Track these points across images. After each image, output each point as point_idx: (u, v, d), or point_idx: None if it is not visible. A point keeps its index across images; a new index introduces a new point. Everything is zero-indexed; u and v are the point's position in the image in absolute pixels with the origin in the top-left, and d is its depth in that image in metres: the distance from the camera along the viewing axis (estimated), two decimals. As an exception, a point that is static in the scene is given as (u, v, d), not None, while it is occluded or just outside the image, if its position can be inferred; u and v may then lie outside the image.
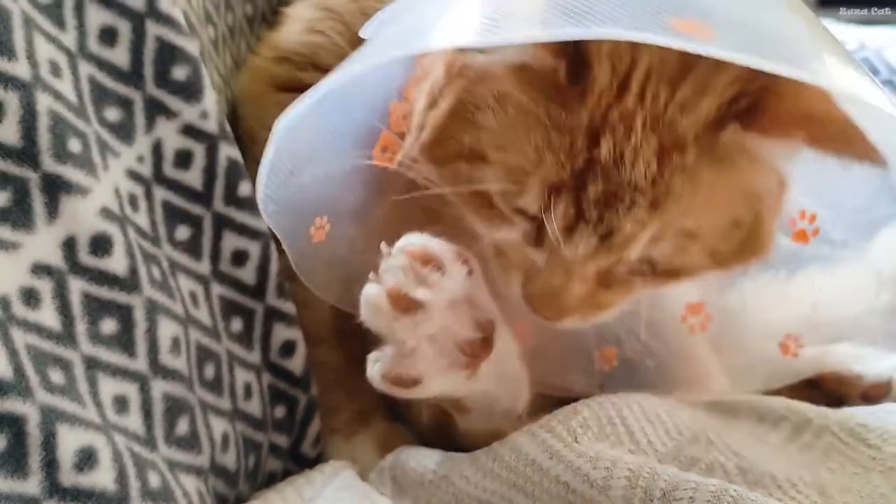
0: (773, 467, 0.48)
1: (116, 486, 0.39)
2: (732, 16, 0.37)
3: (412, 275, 0.44)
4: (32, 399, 0.37)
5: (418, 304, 0.44)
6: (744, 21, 0.38)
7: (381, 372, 0.47)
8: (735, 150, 0.44)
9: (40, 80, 0.42)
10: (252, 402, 0.56)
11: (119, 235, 0.44)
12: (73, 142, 0.43)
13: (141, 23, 0.49)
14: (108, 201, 0.44)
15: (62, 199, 0.42)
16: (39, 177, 0.41)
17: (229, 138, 0.54)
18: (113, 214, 0.45)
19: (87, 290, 0.43)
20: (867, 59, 1.10)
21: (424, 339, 0.45)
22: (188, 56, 0.51)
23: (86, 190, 0.43)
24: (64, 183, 0.42)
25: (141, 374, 0.45)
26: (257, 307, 0.56)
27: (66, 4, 0.46)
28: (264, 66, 0.67)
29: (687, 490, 0.42)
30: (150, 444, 0.44)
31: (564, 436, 0.48)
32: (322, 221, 0.53)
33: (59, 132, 0.42)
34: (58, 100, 0.43)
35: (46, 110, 0.41)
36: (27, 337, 0.39)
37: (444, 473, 0.51)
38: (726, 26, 0.36)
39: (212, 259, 0.54)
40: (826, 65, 0.39)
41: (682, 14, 0.35)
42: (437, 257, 0.45)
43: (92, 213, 0.43)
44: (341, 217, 0.55)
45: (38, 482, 0.36)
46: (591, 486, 0.44)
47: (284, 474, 0.59)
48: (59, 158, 0.42)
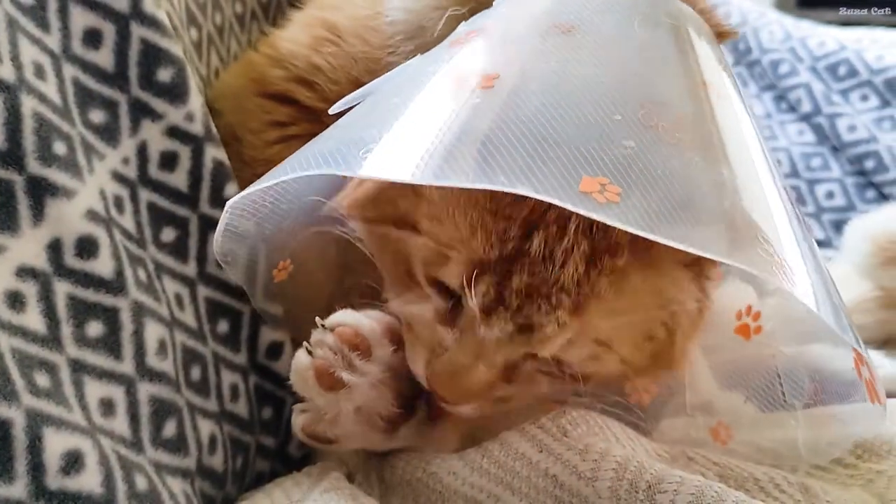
0: (755, 471, 0.48)
1: (103, 489, 0.39)
2: (652, 170, 0.37)
3: (339, 357, 0.47)
4: (18, 403, 0.37)
5: (342, 383, 0.47)
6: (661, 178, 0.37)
7: (300, 425, 0.50)
8: (666, 258, 0.44)
9: (25, 83, 0.41)
10: (239, 403, 0.56)
11: (105, 238, 0.44)
12: (57, 144, 0.43)
13: (126, 25, 0.48)
14: (93, 203, 0.44)
15: (47, 201, 0.41)
16: (24, 179, 0.41)
17: (215, 140, 0.54)
18: (98, 216, 0.44)
19: (72, 293, 0.42)
20: (847, 61, 1.12)
21: (345, 411, 0.48)
22: (173, 58, 0.50)
23: (71, 192, 0.43)
24: (49, 185, 0.42)
25: (127, 377, 0.44)
26: (244, 309, 0.57)
27: (49, 6, 0.45)
28: (258, 62, 0.65)
29: (672, 483, 0.43)
30: (137, 447, 0.44)
31: (554, 431, 0.48)
32: (285, 264, 0.54)
33: (44, 134, 0.42)
34: (42, 102, 0.42)
35: (31, 112, 0.41)
36: (12, 340, 0.39)
37: (432, 471, 0.51)
38: (642, 185, 0.36)
39: (198, 261, 0.54)
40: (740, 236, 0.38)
41: (595, 172, 0.35)
42: (366, 340, 0.48)
43: (77, 216, 0.43)
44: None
45: (25, 486, 0.36)
46: (579, 478, 0.45)
47: (272, 475, 0.59)
48: (45, 161, 0.41)
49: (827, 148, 1.09)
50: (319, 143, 0.43)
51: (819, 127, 1.10)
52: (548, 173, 0.35)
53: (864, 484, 0.50)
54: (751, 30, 1.20)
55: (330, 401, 0.48)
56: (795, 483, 0.47)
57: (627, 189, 0.35)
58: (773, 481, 0.47)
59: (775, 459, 0.52)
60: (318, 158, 0.40)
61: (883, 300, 0.80)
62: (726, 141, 0.42)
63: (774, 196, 0.42)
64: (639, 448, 0.50)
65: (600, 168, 0.35)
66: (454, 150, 0.37)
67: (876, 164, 1.03)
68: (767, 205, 0.41)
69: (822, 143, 1.09)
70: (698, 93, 0.44)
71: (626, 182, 0.35)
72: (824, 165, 1.07)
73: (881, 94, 1.08)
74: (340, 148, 0.40)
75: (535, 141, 0.36)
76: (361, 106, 0.48)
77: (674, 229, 0.34)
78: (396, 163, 0.38)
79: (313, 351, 0.48)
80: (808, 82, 1.12)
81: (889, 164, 1.02)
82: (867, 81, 1.10)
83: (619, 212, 0.34)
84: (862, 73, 1.10)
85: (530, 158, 0.35)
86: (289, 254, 0.55)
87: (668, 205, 0.35)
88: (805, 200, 1.05)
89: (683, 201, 0.36)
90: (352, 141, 0.40)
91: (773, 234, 0.38)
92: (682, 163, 0.38)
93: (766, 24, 1.20)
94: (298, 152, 0.43)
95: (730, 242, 0.37)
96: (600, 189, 0.34)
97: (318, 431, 0.50)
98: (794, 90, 1.13)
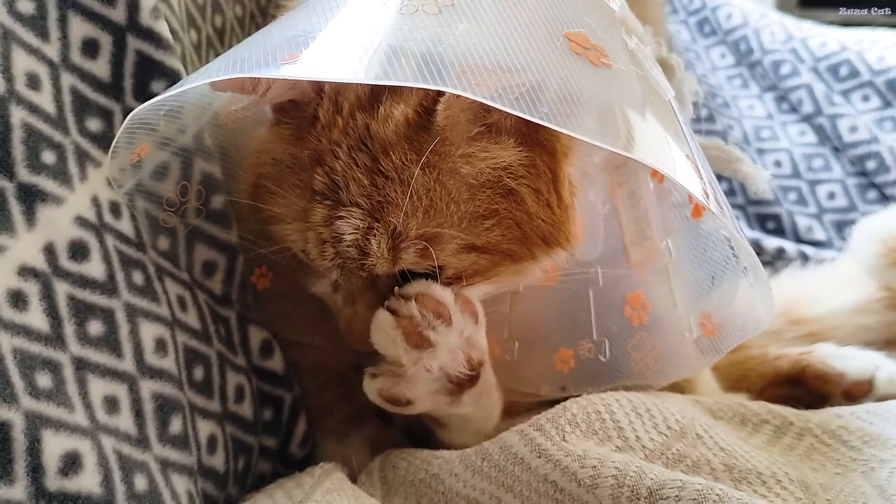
0: (758, 464, 0.48)
1: (102, 489, 0.39)
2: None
3: (426, 319, 0.49)
4: (17, 405, 0.37)
5: (429, 342, 0.49)
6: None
7: (377, 388, 0.52)
8: (457, 142, 0.46)
9: (15, 94, 0.42)
10: (244, 404, 0.56)
11: (95, 242, 0.45)
12: (46, 153, 0.43)
13: (122, 36, 0.49)
14: (83, 210, 0.45)
15: (38, 207, 0.42)
16: (15, 186, 0.41)
17: (206, 152, 0.54)
18: (88, 223, 0.45)
19: (71, 293, 0.43)
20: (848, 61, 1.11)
21: (422, 368, 0.50)
22: (167, 70, 0.51)
23: (60, 199, 0.43)
24: (39, 192, 0.42)
25: (129, 374, 0.45)
26: (229, 314, 0.57)
27: (50, 16, 0.46)
28: None
29: (673, 489, 0.42)
30: (143, 444, 0.44)
31: (553, 434, 0.48)
32: (262, 270, 0.57)
33: (33, 144, 0.43)
34: (32, 112, 0.43)
35: (20, 123, 0.42)
36: (15, 340, 0.39)
37: (434, 472, 0.51)
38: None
39: (188, 269, 0.54)
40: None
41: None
42: (447, 308, 0.50)
43: (67, 221, 0.44)
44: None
45: (24, 487, 0.36)
46: (579, 485, 0.44)
47: (273, 476, 0.59)
48: (34, 169, 0.42)
49: (828, 149, 1.08)
50: (237, 51, 0.43)
51: (820, 128, 1.09)
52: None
53: (865, 472, 0.49)
54: (752, 31, 1.20)
55: (413, 357, 0.49)
56: (797, 480, 0.47)
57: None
58: (774, 476, 0.47)
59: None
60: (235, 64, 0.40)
61: (888, 301, 0.80)
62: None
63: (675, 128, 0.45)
64: (648, 423, 0.50)
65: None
66: (392, 56, 0.38)
67: (877, 164, 1.03)
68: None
69: (824, 143, 1.09)
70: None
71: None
72: (826, 166, 1.07)
73: (882, 94, 1.08)
74: (266, 50, 0.40)
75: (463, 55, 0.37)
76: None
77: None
78: (337, 61, 0.39)
79: (398, 310, 0.49)
80: (809, 83, 1.12)
81: (890, 165, 1.02)
82: (868, 82, 1.09)
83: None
84: (863, 74, 1.10)
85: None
86: (265, 262, 0.57)
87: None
88: (807, 201, 1.05)
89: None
90: (276, 44, 0.40)
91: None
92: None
93: (767, 24, 1.20)
94: (219, 58, 0.44)
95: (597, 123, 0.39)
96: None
97: (397, 393, 0.51)
98: (796, 91, 1.13)
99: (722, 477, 0.47)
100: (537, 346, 0.61)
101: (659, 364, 0.58)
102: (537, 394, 0.61)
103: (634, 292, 0.60)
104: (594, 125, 0.39)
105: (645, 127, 0.42)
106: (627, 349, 0.59)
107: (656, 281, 0.59)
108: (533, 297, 0.60)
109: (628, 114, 0.41)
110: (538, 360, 0.61)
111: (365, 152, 0.46)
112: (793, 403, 0.59)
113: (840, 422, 0.55)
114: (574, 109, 0.38)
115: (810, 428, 0.55)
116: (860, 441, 0.53)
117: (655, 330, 0.58)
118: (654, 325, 0.58)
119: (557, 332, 0.61)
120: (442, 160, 0.46)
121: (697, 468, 0.47)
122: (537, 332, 0.61)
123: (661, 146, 0.42)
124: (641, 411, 0.51)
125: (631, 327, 0.58)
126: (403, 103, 0.46)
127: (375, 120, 0.46)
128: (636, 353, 0.59)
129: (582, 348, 0.61)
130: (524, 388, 0.61)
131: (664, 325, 0.58)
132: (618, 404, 0.51)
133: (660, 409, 0.52)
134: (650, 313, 0.58)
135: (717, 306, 0.55)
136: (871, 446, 0.52)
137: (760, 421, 0.56)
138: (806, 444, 0.53)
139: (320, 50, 0.39)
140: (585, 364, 0.60)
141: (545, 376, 0.62)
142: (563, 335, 0.61)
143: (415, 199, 0.46)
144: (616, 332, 0.59)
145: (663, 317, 0.58)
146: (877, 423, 0.54)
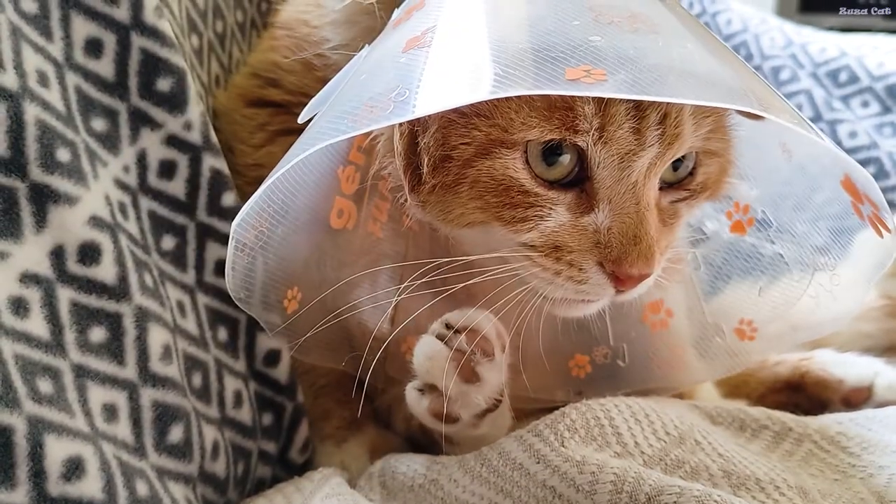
0: (757, 470, 0.48)
1: (104, 495, 0.39)
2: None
3: (475, 355, 0.51)
4: (20, 410, 0.37)
5: (479, 377, 0.51)
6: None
7: (428, 408, 0.53)
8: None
9: (28, 90, 0.42)
10: (242, 409, 0.56)
11: (108, 244, 0.45)
12: (61, 151, 0.43)
13: (126, 35, 0.49)
14: (98, 209, 0.45)
15: (50, 208, 0.42)
16: (27, 186, 0.41)
17: (213, 149, 0.54)
18: (103, 222, 0.45)
19: (75, 299, 0.43)
20: (848, 67, 1.12)
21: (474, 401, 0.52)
22: (173, 68, 0.51)
23: (74, 199, 0.43)
24: (51, 192, 0.42)
25: (130, 382, 0.45)
26: (240, 317, 0.57)
27: (53, 15, 0.46)
28: (238, 82, 0.70)
29: (672, 495, 0.42)
30: (140, 452, 0.44)
31: (552, 440, 0.48)
32: (294, 293, 0.54)
33: (47, 142, 0.42)
34: (46, 109, 0.43)
35: (34, 120, 0.42)
36: (16, 346, 0.39)
37: (433, 478, 0.51)
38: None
39: (196, 269, 0.54)
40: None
41: (576, 64, 0.38)
42: (490, 344, 0.51)
43: (80, 223, 0.43)
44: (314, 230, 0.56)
45: (26, 492, 0.36)
46: (578, 491, 0.45)
47: (273, 481, 0.59)
48: (47, 168, 0.42)
49: (828, 154, 1.09)
50: (314, 127, 0.43)
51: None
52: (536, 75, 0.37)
53: (864, 478, 0.49)
54: (752, 36, 1.20)
55: (464, 391, 0.51)
56: (795, 486, 0.47)
57: (611, 70, 0.37)
58: (773, 482, 0.47)
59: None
60: (326, 130, 0.40)
61: (888, 309, 0.80)
62: (679, 24, 0.46)
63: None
64: (647, 429, 0.50)
65: (579, 61, 0.38)
66: (486, 66, 0.38)
67: (877, 170, 1.03)
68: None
69: (823, 149, 1.09)
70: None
71: (606, 65, 0.38)
72: (825, 171, 1.07)
73: (882, 100, 1.08)
74: (347, 111, 0.40)
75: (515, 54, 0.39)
76: (332, 101, 0.47)
77: (668, 88, 0.38)
78: (457, 87, 0.39)
79: (450, 342, 0.50)
80: (808, 88, 1.12)
81: (890, 171, 1.02)
82: (868, 88, 1.10)
83: (611, 86, 0.37)
84: (863, 80, 1.10)
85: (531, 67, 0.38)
86: (295, 282, 0.55)
87: (652, 74, 0.38)
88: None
89: (663, 67, 0.39)
90: (359, 102, 0.40)
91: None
92: (648, 42, 0.42)
93: (767, 30, 1.20)
94: (294, 145, 0.43)
95: (727, 92, 0.41)
96: (585, 74, 0.37)
97: (452, 412, 0.52)
98: (795, 96, 1.13)
99: (720, 483, 0.47)
100: (551, 353, 0.60)
101: (679, 369, 0.58)
102: (552, 399, 0.61)
103: (655, 300, 0.60)
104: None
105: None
106: (648, 354, 0.59)
107: (679, 289, 0.59)
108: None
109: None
110: (552, 367, 0.61)
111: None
112: (792, 409, 0.59)
113: (839, 428, 0.55)
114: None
115: (809, 434, 0.55)
116: (859, 447, 0.53)
117: (677, 336, 0.58)
118: (677, 332, 0.58)
119: (572, 340, 0.61)
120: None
121: (696, 474, 0.48)
122: (551, 340, 0.61)
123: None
124: (640, 417, 0.51)
125: (651, 333, 0.59)
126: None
127: None
128: (657, 357, 0.59)
129: (598, 353, 0.61)
130: (538, 396, 0.61)
131: (685, 332, 0.58)
132: (616, 410, 0.51)
133: (658, 415, 0.52)
134: (672, 320, 0.58)
135: (760, 312, 0.56)
136: (869, 452, 0.52)
137: (759, 427, 0.56)
138: (805, 450, 0.53)
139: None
140: (602, 369, 0.61)
141: (560, 382, 0.62)
142: (578, 342, 0.61)
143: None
144: (634, 338, 0.59)
145: (685, 324, 0.58)
146: (876, 430, 0.55)
